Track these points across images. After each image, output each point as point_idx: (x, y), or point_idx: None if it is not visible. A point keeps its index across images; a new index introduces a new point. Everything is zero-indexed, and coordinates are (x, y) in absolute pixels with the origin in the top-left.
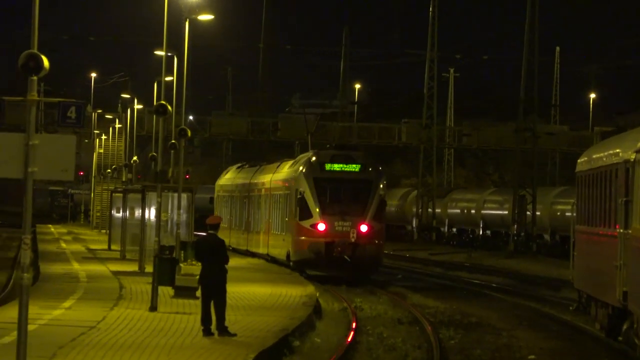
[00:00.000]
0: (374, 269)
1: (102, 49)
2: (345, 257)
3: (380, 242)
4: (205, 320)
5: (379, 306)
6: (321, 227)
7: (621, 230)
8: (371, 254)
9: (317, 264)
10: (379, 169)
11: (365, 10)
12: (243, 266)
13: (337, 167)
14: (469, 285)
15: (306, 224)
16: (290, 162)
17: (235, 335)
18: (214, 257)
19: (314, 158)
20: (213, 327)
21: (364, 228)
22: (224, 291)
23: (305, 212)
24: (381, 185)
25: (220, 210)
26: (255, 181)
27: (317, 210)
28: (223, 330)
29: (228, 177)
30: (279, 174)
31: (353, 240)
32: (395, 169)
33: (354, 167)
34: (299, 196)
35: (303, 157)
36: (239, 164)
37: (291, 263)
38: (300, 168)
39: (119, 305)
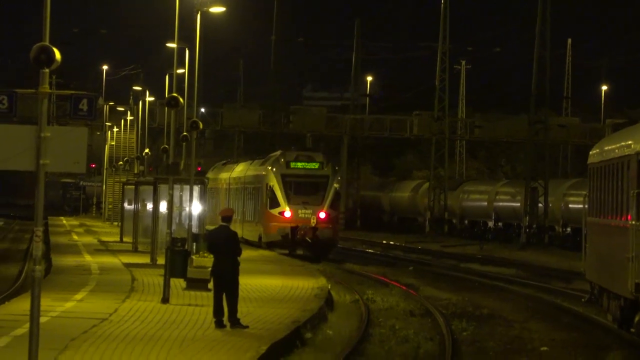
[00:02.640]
0: (330, 248)
1: (113, 42)
2: (307, 238)
3: (335, 226)
4: (218, 312)
5: (390, 298)
6: (287, 214)
7: (633, 222)
8: (328, 236)
9: (284, 245)
10: (335, 167)
11: (377, 2)
12: (255, 258)
13: (300, 165)
14: (481, 277)
15: (275, 211)
16: (262, 160)
17: (247, 327)
18: (226, 249)
19: (281, 158)
20: (225, 319)
21: (322, 215)
22: (237, 283)
23: (274, 202)
24: (336, 181)
25: (207, 201)
26: (234, 176)
27: (284, 200)
28: (235, 322)
29: (214, 172)
30: (251, 171)
31: (313, 225)
32: (407, 161)
33: (314, 165)
34: (268, 189)
35: (272, 156)
36: (224, 161)
37: (263, 244)
38: (270, 166)
39: (131, 297)
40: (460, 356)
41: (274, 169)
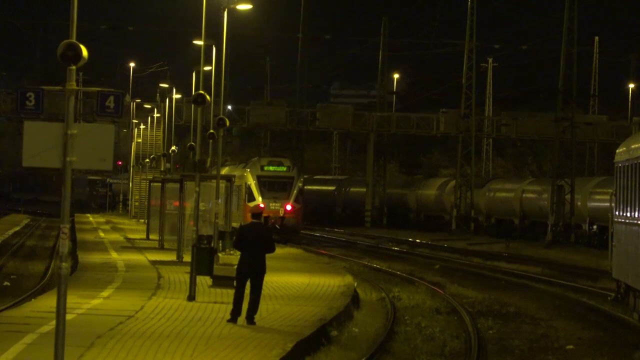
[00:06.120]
0: (295, 233)
1: (140, 39)
2: (277, 225)
3: (299, 216)
4: (236, 309)
5: (417, 296)
6: (261, 206)
7: None
8: (293, 223)
9: None
10: (299, 170)
11: (404, 0)
12: (282, 256)
13: (271, 168)
14: (507, 275)
15: (251, 204)
16: (243, 165)
17: (255, 323)
18: (260, 245)
19: (257, 162)
20: (242, 317)
21: (288, 207)
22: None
23: (251, 197)
24: (299, 181)
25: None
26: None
27: (259, 195)
28: (252, 319)
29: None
30: (236, 172)
31: (281, 215)
32: (434, 158)
33: (282, 169)
34: (247, 187)
35: (251, 161)
36: None
37: None
38: (249, 168)
39: (157, 294)
40: (486, 354)
41: (251, 171)
